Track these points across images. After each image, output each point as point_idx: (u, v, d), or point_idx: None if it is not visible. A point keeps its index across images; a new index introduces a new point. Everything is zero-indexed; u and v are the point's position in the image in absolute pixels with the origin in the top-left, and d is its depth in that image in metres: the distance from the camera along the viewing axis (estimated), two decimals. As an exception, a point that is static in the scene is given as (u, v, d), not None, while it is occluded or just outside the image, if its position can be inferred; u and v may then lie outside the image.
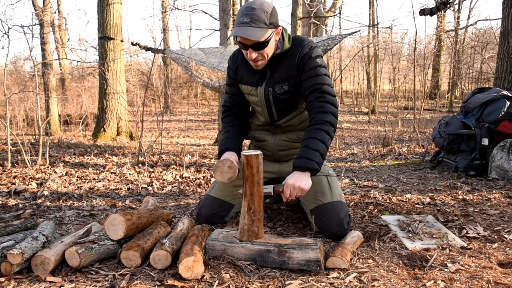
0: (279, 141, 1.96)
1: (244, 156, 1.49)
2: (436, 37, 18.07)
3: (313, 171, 1.63)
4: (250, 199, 1.52)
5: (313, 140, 1.65)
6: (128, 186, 3.23)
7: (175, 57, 4.80)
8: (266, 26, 1.62)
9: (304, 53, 1.75)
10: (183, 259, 1.31)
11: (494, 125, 3.32)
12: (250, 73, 1.85)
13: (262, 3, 1.64)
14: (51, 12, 11.09)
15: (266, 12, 1.62)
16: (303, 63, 1.75)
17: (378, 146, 6.98)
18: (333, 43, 4.24)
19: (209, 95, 21.77)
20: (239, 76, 1.91)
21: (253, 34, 1.60)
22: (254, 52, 1.68)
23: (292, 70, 1.77)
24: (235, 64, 1.91)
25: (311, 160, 1.62)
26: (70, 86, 16.72)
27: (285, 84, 1.79)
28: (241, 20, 1.62)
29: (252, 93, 1.88)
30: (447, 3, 3.68)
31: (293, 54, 1.76)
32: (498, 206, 2.24)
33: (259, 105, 1.89)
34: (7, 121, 4.16)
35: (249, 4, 1.64)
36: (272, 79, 1.81)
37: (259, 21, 1.61)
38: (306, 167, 1.61)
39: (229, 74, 1.96)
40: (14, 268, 1.34)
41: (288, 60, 1.77)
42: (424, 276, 1.33)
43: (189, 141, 9.31)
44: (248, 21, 1.60)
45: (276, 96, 1.82)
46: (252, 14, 1.60)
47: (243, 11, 1.63)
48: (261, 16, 1.61)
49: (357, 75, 21.91)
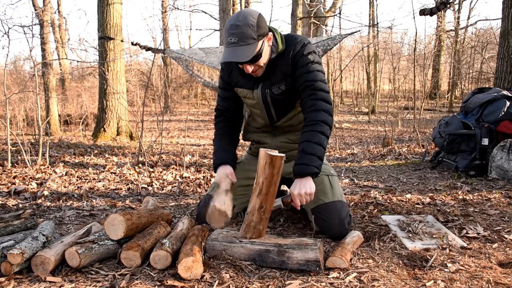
0: (280, 143, 1.96)
1: (269, 156, 1.45)
2: (436, 37, 18.06)
3: (314, 175, 1.64)
4: (264, 198, 1.51)
5: (309, 144, 1.64)
6: (128, 186, 3.23)
7: (175, 56, 4.80)
8: (255, 40, 1.59)
9: (297, 51, 1.73)
10: (182, 259, 1.31)
11: (494, 125, 3.31)
12: (244, 76, 1.83)
13: (246, 17, 1.58)
14: (51, 12, 11.09)
15: (251, 26, 1.57)
16: (295, 60, 1.74)
17: (378, 146, 6.98)
18: (333, 43, 4.24)
19: (209, 95, 21.77)
20: (233, 80, 1.88)
21: (244, 54, 1.58)
22: (250, 66, 1.66)
23: (287, 69, 1.75)
24: (229, 67, 1.87)
25: (310, 166, 1.62)
26: (70, 86, 16.72)
27: (282, 84, 1.78)
28: (228, 40, 1.58)
29: (248, 96, 1.86)
30: (447, 3, 3.68)
31: (287, 53, 1.74)
32: (498, 206, 2.24)
33: (258, 108, 1.88)
34: (7, 121, 4.16)
35: (232, 21, 1.58)
36: (269, 81, 1.80)
37: (247, 38, 1.57)
38: (306, 173, 1.62)
39: (223, 78, 1.91)
40: (14, 268, 1.34)
41: (282, 60, 1.76)
42: (424, 276, 1.33)
43: (189, 141, 9.31)
44: (236, 41, 1.57)
45: (274, 97, 1.81)
46: (238, 33, 1.56)
47: (228, 30, 1.58)
48: (248, 32, 1.56)
49: (357, 75, 21.91)
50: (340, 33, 14.97)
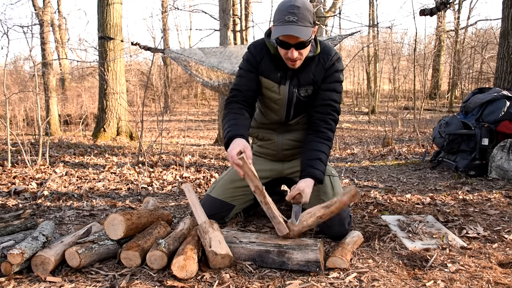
0: (285, 140, 1.95)
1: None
2: (436, 37, 18.07)
3: (319, 181, 1.72)
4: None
5: (323, 155, 1.75)
6: (128, 186, 3.23)
7: (174, 56, 4.80)
8: (311, 25, 1.61)
9: (333, 63, 1.78)
10: (174, 259, 1.32)
11: (494, 125, 3.32)
12: (272, 69, 1.80)
13: (304, 2, 1.61)
14: (51, 12, 11.09)
15: (309, 10, 1.60)
16: (329, 72, 1.78)
17: (378, 146, 6.98)
18: (333, 44, 4.24)
19: (209, 95, 21.77)
20: (261, 68, 1.82)
21: (304, 32, 1.57)
22: (296, 51, 1.64)
23: (319, 76, 1.78)
24: (260, 55, 1.80)
25: (320, 171, 1.72)
26: (70, 86, 16.73)
27: (310, 87, 1.80)
28: (286, 19, 1.57)
29: (273, 90, 1.83)
30: (447, 3, 3.68)
31: (322, 61, 1.77)
32: (498, 206, 2.24)
33: (279, 104, 1.86)
34: (7, 121, 4.16)
35: (292, 2, 1.58)
36: (297, 80, 1.79)
37: (305, 20, 1.58)
38: (316, 177, 1.69)
39: (250, 61, 1.82)
40: (14, 268, 1.34)
41: (317, 65, 1.77)
42: (424, 276, 1.33)
43: (189, 141, 9.32)
44: (295, 20, 1.56)
45: (299, 98, 1.82)
46: (298, 13, 1.56)
47: (287, 10, 1.57)
48: (306, 14, 1.58)
49: (357, 75, 21.92)
50: (340, 33, 14.97)
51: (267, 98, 1.89)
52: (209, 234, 1.46)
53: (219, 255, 1.37)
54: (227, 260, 1.39)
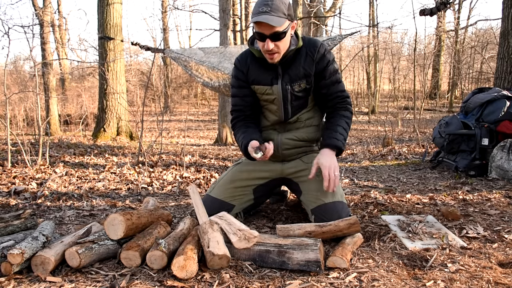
0: (285, 140, 1.96)
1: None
2: (436, 37, 18.07)
3: (339, 150, 1.81)
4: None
5: (344, 129, 1.84)
6: (128, 186, 3.23)
7: (174, 56, 4.80)
8: (284, 16, 1.65)
9: (322, 54, 1.81)
10: (174, 259, 1.32)
11: (494, 125, 3.31)
12: (262, 73, 1.85)
13: None
14: (51, 12, 11.08)
15: (284, 3, 1.65)
16: (322, 65, 1.82)
17: (378, 146, 6.98)
18: (333, 44, 4.24)
19: (209, 95, 21.77)
20: (250, 78, 1.88)
21: (276, 20, 1.61)
22: (272, 43, 1.68)
23: (309, 69, 1.81)
24: (245, 65, 1.88)
25: (339, 141, 1.80)
26: (70, 86, 16.73)
27: (303, 82, 1.83)
28: (260, 10, 1.63)
29: (267, 93, 1.87)
30: (447, 3, 3.68)
31: (310, 53, 1.80)
32: (498, 206, 2.24)
33: (276, 103, 1.89)
34: (7, 121, 4.16)
35: None
36: (288, 76, 1.82)
37: (278, 10, 1.63)
38: (335, 145, 1.78)
39: (238, 77, 1.91)
40: (14, 268, 1.34)
41: (305, 59, 1.81)
42: (424, 276, 1.33)
43: (189, 141, 9.32)
44: (268, 10, 1.62)
45: (294, 94, 1.85)
46: (272, 4, 1.62)
47: (261, 2, 1.64)
48: (280, 6, 1.63)
49: (357, 75, 21.92)
50: (340, 33, 14.97)
51: (264, 101, 1.93)
52: (208, 235, 1.46)
53: (216, 255, 1.37)
54: (224, 261, 1.39)
